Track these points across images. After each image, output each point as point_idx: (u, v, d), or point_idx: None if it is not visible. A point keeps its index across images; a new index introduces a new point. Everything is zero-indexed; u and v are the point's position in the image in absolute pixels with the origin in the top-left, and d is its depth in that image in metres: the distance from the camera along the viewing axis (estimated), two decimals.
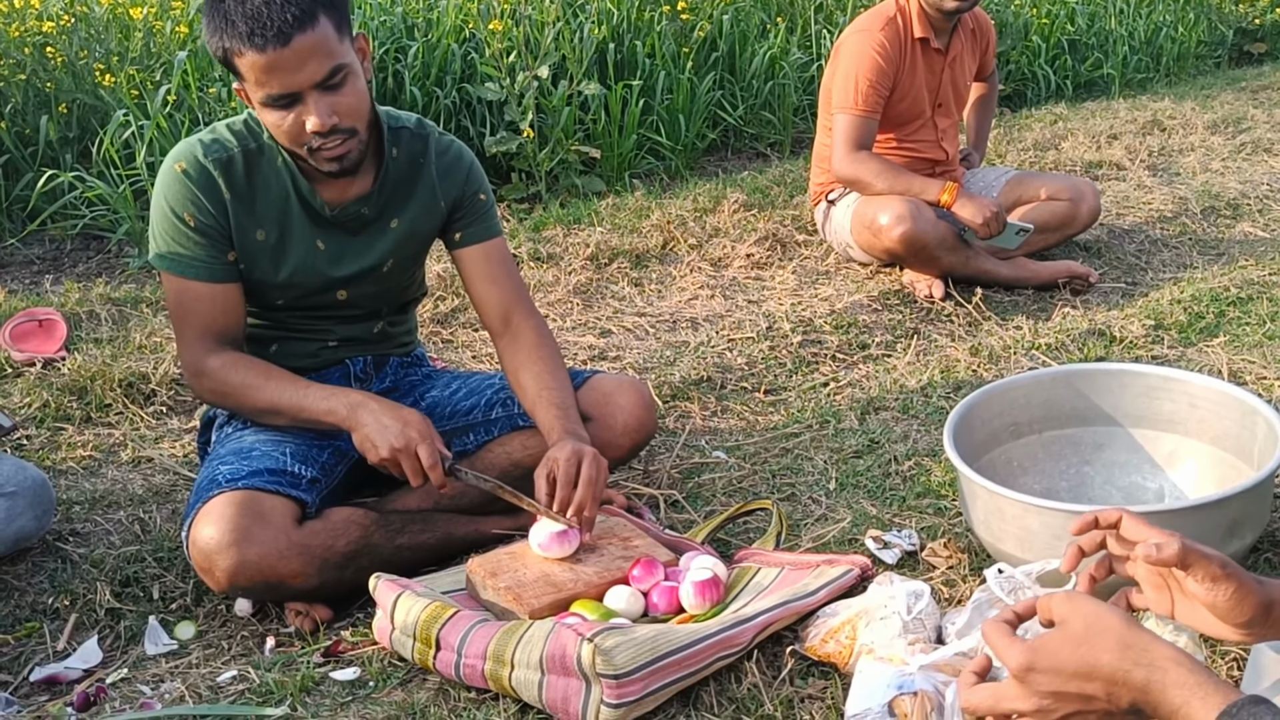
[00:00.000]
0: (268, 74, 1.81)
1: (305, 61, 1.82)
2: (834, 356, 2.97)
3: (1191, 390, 2.07)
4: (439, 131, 2.18)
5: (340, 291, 2.14)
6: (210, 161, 1.98)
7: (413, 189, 2.13)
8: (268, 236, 2.04)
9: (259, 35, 1.78)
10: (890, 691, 1.54)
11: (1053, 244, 3.59)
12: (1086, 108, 5.89)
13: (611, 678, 1.54)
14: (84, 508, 2.33)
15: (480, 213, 2.20)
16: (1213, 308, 3.15)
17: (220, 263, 2.02)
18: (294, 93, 1.84)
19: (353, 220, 2.09)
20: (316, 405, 1.98)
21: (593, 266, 3.63)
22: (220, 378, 2.03)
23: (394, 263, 2.17)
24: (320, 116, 1.85)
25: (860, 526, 2.13)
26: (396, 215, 2.13)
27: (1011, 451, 2.15)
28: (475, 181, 2.20)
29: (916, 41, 3.43)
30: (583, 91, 4.61)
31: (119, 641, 1.95)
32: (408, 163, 2.12)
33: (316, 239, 2.08)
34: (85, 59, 4.43)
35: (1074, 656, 1.09)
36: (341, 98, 1.88)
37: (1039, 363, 2.85)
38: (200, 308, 2.03)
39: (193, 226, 1.99)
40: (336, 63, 1.85)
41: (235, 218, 2.01)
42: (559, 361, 2.15)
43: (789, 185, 4.43)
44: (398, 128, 2.12)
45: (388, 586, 1.79)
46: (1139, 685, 1.06)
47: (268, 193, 2.03)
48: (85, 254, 4.07)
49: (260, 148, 2.02)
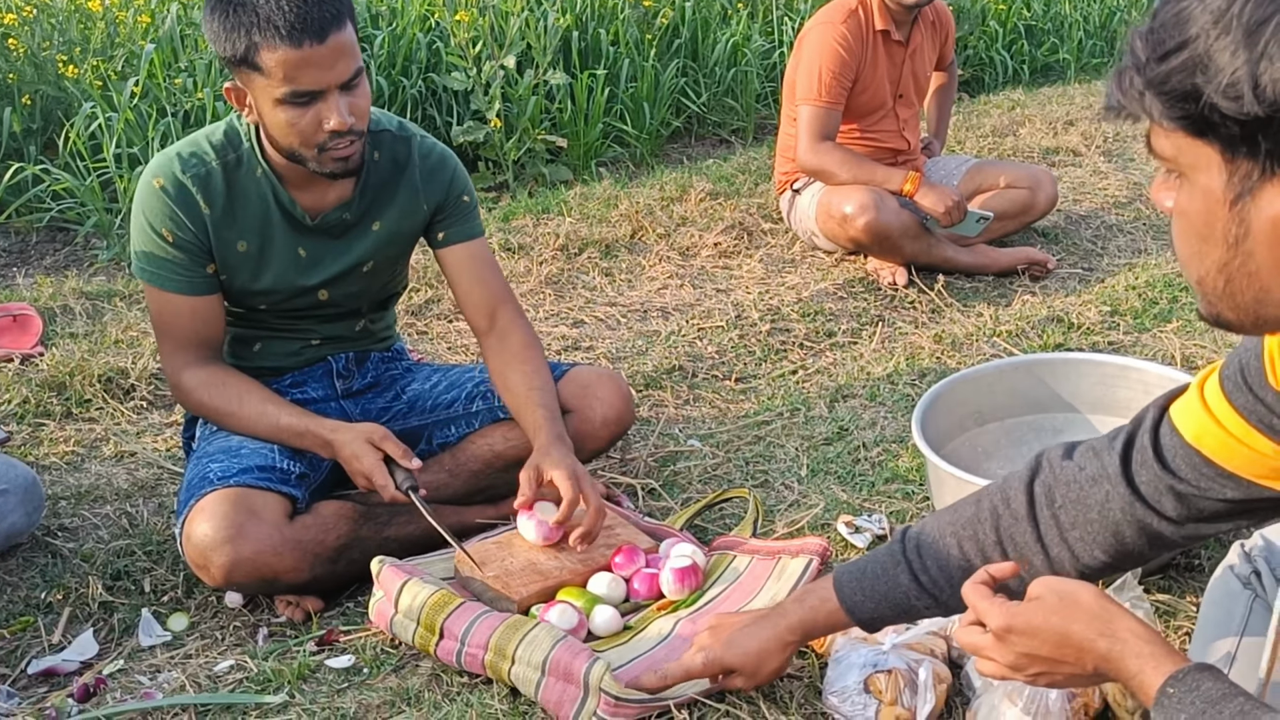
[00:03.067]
0: (299, 70, 1.85)
1: (336, 60, 1.87)
2: (802, 344, 3.05)
3: (1146, 378, 2.17)
4: (422, 134, 2.22)
5: (321, 292, 2.18)
6: (189, 178, 2.01)
7: (394, 192, 2.17)
8: (249, 247, 2.08)
9: (299, 30, 1.82)
10: (866, 670, 1.63)
11: (1012, 231, 3.69)
12: (1043, 93, 6.00)
13: (613, 698, 1.62)
14: (71, 503, 2.37)
15: (464, 213, 2.24)
16: (1166, 293, 3.26)
17: (199, 276, 2.06)
18: (318, 90, 1.88)
19: (335, 226, 2.13)
20: (290, 438, 2.07)
21: (563, 257, 3.69)
22: (195, 400, 2.09)
23: (375, 264, 2.21)
24: (341, 115, 1.90)
25: (832, 512, 2.21)
26: (378, 218, 2.17)
27: (976, 438, 2.24)
28: (459, 185, 2.24)
29: (878, 33, 3.50)
30: (548, 81, 4.65)
31: (113, 634, 1.99)
32: (390, 166, 2.16)
33: (298, 246, 2.12)
34: (48, 50, 4.42)
35: (1048, 624, 1.21)
36: (358, 99, 1.93)
37: (1000, 349, 2.95)
38: (179, 320, 2.07)
39: (171, 242, 2.02)
40: (358, 64, 1.91)
41: (215, 232, 2.04)
42: (544, 363, 2.20)
43: (754, 173, 4.51)
44: (378, 131, 2.15)
45: (393, 572, 1.85)
46: (1102, 653, 1.18)
47: (248, 204, 2.06)
48: (52, 246, 4.07)
49: (239, 159, 2.05)
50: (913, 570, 1.46)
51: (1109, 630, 1.18)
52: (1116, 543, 1.34)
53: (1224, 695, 1.08)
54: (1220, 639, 1.41)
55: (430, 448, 2.27)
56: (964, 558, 1.42)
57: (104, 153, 3.95)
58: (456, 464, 2.24)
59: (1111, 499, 1.33)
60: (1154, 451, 1.29)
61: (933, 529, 1.47)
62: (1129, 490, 1.31)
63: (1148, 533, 1.32)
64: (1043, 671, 1.23)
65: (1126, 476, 1.32)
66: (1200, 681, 1.10)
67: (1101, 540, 1.35)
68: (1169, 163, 1.03)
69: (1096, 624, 1.19)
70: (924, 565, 1.46)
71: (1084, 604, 1.21)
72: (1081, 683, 1.24)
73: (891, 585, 1.48)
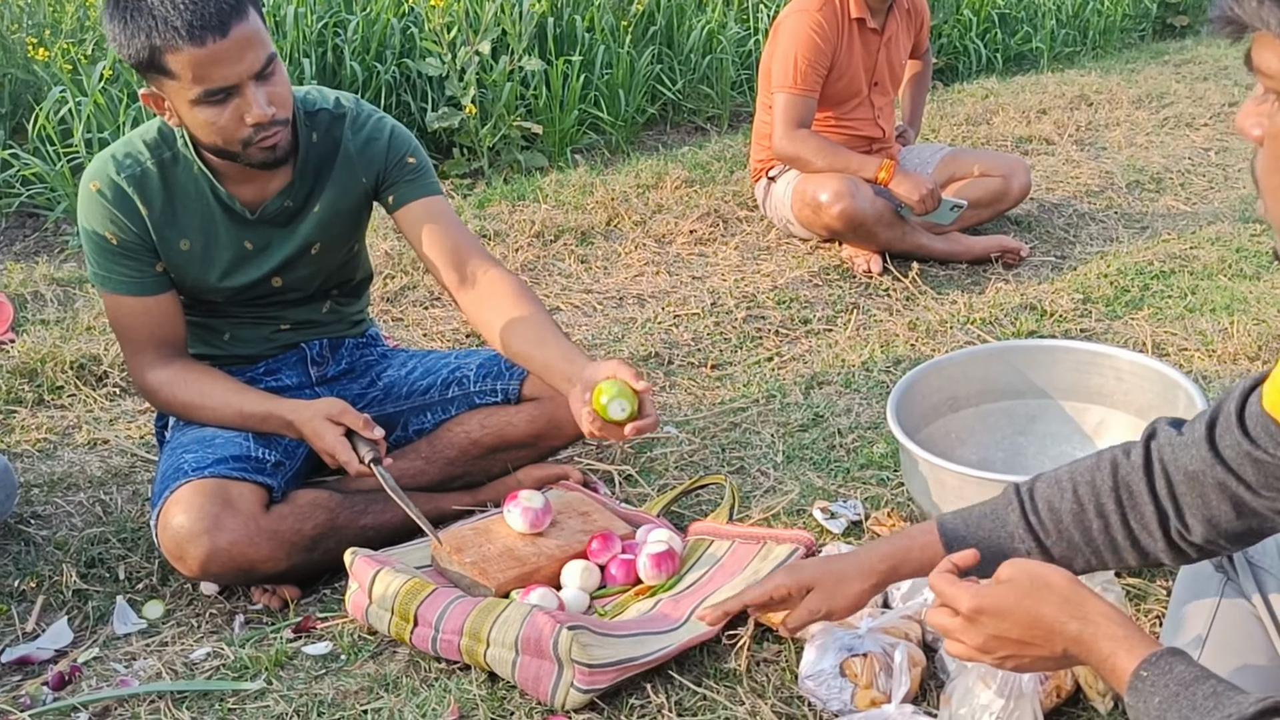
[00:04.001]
0: (207, 68, 1.80)
1: (244, 52, 1.82)
2: (777, 331, 3.06)
3: (1118, 365, 2.19)
4: (357, 107, 2.13)
5: (275, 279, 2.15)
6: (124, 179, 1.98)
7: (332, 170, 2.11)
8: (193, 245, 2.05)
9: (198, 28, 1.77)
10: (841, 654, 1.64)
11: (985, 219, 3.71)
12: (1016, 82, 6.02)
13: (585, 666, 1.63)
14: (43, 490, 2.36)
15: (412, 174, 2.14)
16: (1137, 281, 3.29)
17: (149, 276, 2.04)
18: (231, 85, 1.84)
19: (278, 214, 2.09)
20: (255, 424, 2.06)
21: (539, 243, 3.68)
22: (162, 398, 2.09)
23: (322, 245, 2.15)
24: (260, 107, 1.86)
25: (808, 498, 2.22)
26: (319, 199, 2.12)
27: (950, 424, 2.25)
28: (399, 147, 2.14)
29: (853, 21, 3.51)
30: (524, 67, 4.63)
31: (88, 622, 1.98)
32: (328, 145, 2.10)
33: (244, 240, 2.08)
34: (16, 33, 4.37)
35: (1019, 606, 1.22)
36: (275, 87, 1.89)
37: (974, 337, 2.97)
38: (135, 322, 2.06)
39: (115, 245, 2.00)
40: (270, 51, 1.87)
41: (157, 230, 2.01)
42: (542, 307, 2.05)
43: (729, 161, 4.51)
44: (314, 111, 2.09)
45: (365, 563, 1.85)
46: (1073, 636, 1.19)
47: (187, 202, 2.03)
48: (21, 231, 4.03)
49: (175, 156, 2.01)
50: (1023, 509, 1.42)
51: (1080, 613, 1.19)
52: (1205, 506, 1.31)
53: (1196, 678, 1.09)
54: (1192, 621, 1.43)
55: (406, 434, 2.26)
56: (1077, 502, 1.39)
57: (74, 137, 3.92)
58: (433, 451, 2.24)
59: (1196, 461, 1.29)
60: (1237, 418, 1.26)
61: (1050, 474, 1.44)
62: (1212, 454, 1.28)
63: (1231, 498, 1.29)
64: (1011, 654, 1.24)
65: (1210, 440, 1.29)
66: (1173, 664, 1.12)
67: (1192, 503, 1.32)
68: (1274, 80, 1.00)
69: (1068, 607, 1.20)
70: (1034, 506, 1.42)
71: (1055, 586, 1.21)
72: (1049, 666, 1.24)
73: (998, 524, 1.44)
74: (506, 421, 2.24)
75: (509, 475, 2.26)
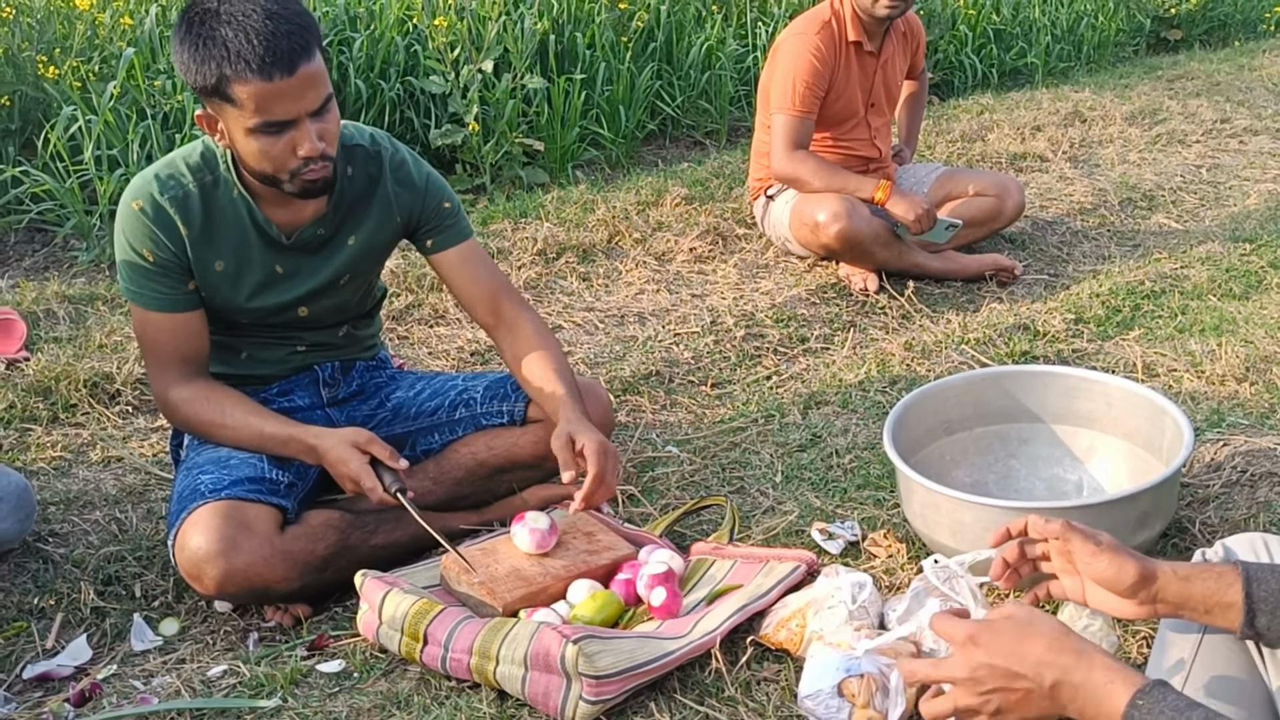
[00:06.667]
0: (270, 101, 1.89)
1: (306, 90, 1.91)
2: (775, 350, 3.12)
3: (1108, 390, 2.25)
4: (392, 146, 2.25)
5: (301, 309, 2.23)
6: (166, 200, 2.05)
7: (369, 205, 2.21)
8: (226, 267, 2.12)
9: (269, 64, 1.85)
10: (839, 674, 1.70)
11: (980, 238, 3.78)
12: (1011, 98, 6.09)
13: (592, 678, 1.69)
14: (60, 508, 2.41)
15: (447, 219, 2.29)
16: (1128, 301, 3.35)
17: (181, 293, 2.10)
18: (290, 120, 1.92)
19: (311, 241, 2.17)
20: (275, 447, 2.12)
21: (541, 261, 3.74)
22: (181, 415, 2.14)
23: (350, 277, 2.25)
24: (313, 141, 1.94)
25: (806, 518, 2.28)
26: (353, 232, 2.21)
27: (944, 447, 2.32)
28: (435, 193, 2.27)
29: (850, 44, 3.58)
30: (526, 84, 4.70)
31: (105, 639, 2.04)
32: (363, 180, 2.20)
33: (275, 264, 2.16)
34: (27, 51, 4.42)
35: (1012, 638, 1.28)
36: (328, 124, 1.97)
37: (968, 357, 3.03)
38: (162, 337, 2.12)
39: (152, 262, 2.06)
40: (328, 91, 1.95)
41: (194, 251, 2.08)
42: (557, 348, 2.30)
43: (727, 178, 4.57)
44: (351, 145, 2.18)
45: (375, 584, 1.91)
46: (1067, 665, 1.25)
47: (225, 225, 2.10)
48: (31, 247, 4.09)
49: (216, 180, 2.09)
50: None
51: (1074, 647, 1.26)
52: None
53: (1189, 705, 1.17)
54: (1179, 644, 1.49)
55: (414, 455, 2.32)
56: None
57: (83, 154, 3.97)
58: (440, 471, 2.30)
59: None
60: None
61: None
62: None
63: None
64: (999, 688, 1.28)
65: None
66: (1166, 694, 1.19)
67: None
68: None
69: (1060, 640, 1.26)
70: None
71: (1048, 629, 1.28)
72: (1035, 707, 1.28)
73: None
74: (512, 443, 2.31)
75: (515, 495, 2.33)
